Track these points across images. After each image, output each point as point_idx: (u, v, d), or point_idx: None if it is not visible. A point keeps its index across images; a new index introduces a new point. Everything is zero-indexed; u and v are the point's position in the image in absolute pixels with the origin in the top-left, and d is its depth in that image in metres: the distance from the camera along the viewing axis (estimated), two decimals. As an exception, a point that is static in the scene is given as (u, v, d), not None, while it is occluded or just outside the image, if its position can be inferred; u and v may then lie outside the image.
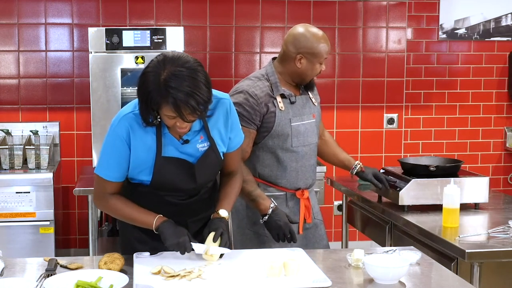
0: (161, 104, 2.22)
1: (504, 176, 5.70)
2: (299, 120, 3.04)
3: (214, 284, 2.18)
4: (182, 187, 2.46)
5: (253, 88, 2.97)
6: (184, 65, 2.22)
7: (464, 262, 2.74)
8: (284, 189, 3.05)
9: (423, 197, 3.31)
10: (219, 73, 5.18)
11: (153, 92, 2.21)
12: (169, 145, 2.40)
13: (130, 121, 2.36)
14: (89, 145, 4.79)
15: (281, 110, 2.99)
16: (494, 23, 5.52)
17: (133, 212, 2.45)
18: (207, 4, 5.20)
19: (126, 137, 2.36)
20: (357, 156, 5.41)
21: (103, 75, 4.47)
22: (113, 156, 2.40)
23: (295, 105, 3.05)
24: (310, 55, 3.00)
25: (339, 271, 2.36)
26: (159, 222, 2.39)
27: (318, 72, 3.06)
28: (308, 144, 3.09)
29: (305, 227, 3.12)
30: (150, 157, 2.39)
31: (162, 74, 2.20)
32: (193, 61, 2.26)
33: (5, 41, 5.03)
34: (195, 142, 2.43)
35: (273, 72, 3.04)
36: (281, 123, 2.99)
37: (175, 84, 2.18)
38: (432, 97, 5.54)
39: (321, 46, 3.02)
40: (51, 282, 2.15)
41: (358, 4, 5.38)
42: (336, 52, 5.36)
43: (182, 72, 2.20)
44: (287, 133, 3.00)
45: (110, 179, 2.43)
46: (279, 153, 3.01)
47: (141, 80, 2.26)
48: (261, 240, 3.02)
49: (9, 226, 4.44)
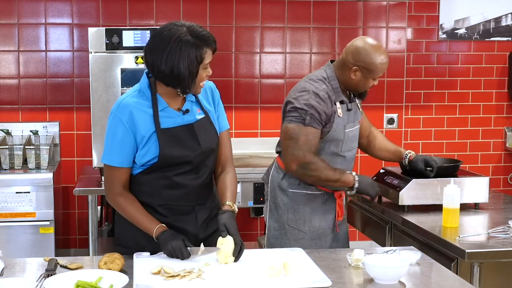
0: (203, 53, 2.38)
1: (504, 176, 5.70)
2: (351, 126, 3.14)
3: (214, 284, 2.18)
4: (189, 153, 2.50)
5: (321, 91, 3.03)
6: (183, 23, 2.43)
7: (464, 262, 2.74)
8: (323, 189, 3.14)
9: (423, 197, 3.32)
10: (219, 73, 5.18)
11: (192, 49, 2.37)
12: (171, 117, 2.49)
13: (129, 104, 2.45)
14: (89, 145, 4.78)
15: (339, 116, 3.06)
16: (494, 23, 5.52)
17: (138, 215, 2.49)
18: (207, 4, 5.20)
19: (127, 120, 2.44)
20: (357, 156, 5.40)
21: (103, 75, 4.47)
22: (116, 140, 2.46)
23: (350, 112, 3.12)
24: (366, 70, 3.04)
25: (339, 271, 2.36)
26: (159, 232, 2.44)
27: (370, 86, 3.11)
28: (352, 149, 3.20)
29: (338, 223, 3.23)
30: (154, 133, 2.46)
31: (187, 35, 2.38)
32: None
33: (5, 41, 5.03)
34: (193, 113, 2.54)
35: (333, 77, 3.09)
36: (337, 128, 3.07)
37: (199, 31, 2.39)
38: (432, 97, 5.54)
39: (379, 65, 3.04)
40: (51, 282, 2.15)
41: (358, 4, 5.38)
42: (336, 52, 5.36)
43: (191, 24, 2.42)
44: (340, 138, 3.09)
45: (115, 164, 2.48)
46: (327, 156, 3.09)
47: (173, 53, 2.37)
48: (299, 236, 3.14)
49: (9, 226, 4.44)
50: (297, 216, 3.14)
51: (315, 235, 3.15)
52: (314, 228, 3.15)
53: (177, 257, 2.38)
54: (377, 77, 3.08)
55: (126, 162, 2.49)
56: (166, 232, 2.44)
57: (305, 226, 3.13)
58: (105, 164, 2.51)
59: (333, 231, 3.19)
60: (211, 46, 2.42)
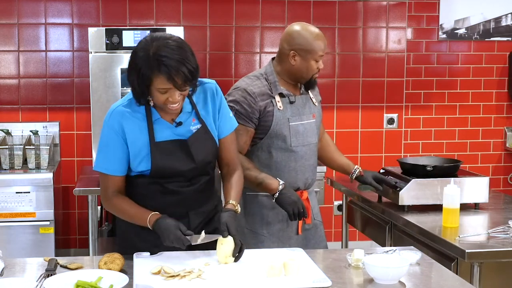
0: (153, 76, 2.29)
1: (504, 176, 5.70)
2: (298, 120, 3.03)
3: (214, 284, 2.18)
4: (182, 168, 2.48)
5: (251, 86, 2.97)
6: (170, 38, 2.33)
7: (464, 262, 2.74)
8: None
9: (423, 197, 3.31)
10: (219, 73, 5.18)
11: (144, 66, 2.29)
12: (163, 129, 2.45)
13: (121, 114, 2.43)
14: (89, 145, 4.78)
15: (279, 110, 2.98)
16: (494, 23, 5.52)
17: (131, 210, 2.47)
18: (207, 4, 5.20)
19: (119, 129, 2.42)
20: (357, 156, 5.41)
21: (103, 75, 4.47)
22: (109, 149, 2.45)
23: (294, 105, 3.04)
24: (304, 52, 2.98)
25: (339, 271, 2.36)
26: (153, 220, 2.40)
27: (315, 70, 3.02)
28: (307, 144, 3.07)
29: (304, 228, 3.12)
30: (146, 146, 2.43)
31: (151, 49, 2.29)
32: (177, 36, 2.37)
33: (5, 41, 5.03)
34: (188, 124, 2.49)
35: (271, 71, 3.04)
36: (279, 122, 2.98)
37: (165, 53, 2.27)
38: (432, 97, 5.54)
39: (314, 42, 2.98)
40: (51, 282, 2.15)
41: (358, 4, 5.38)
42: (336, 52, 5.36)
43: (169, 43, 2.30)
44: (285, 133, 2.99)
45: (109, 173, 2.47)
46: (278, 153, 3.00)
47: (131, 59, 2.35)
48: (259, 239, 3.03)
49: (9, 226, 4.44)
50: (255, 219, 3.05)
51: (276, 238, 3.04)
52: (274, 231, 3.05)
53: (176, 245, 2.35)
54: (318, 57, 2.99)
55: (119, 171, 2.47)
56: (161, 220, 2.39)
57: (263, 229, 3.03)
58: (99, 172, 2.49)
59: (298, 234, 3.09)
60: (164, 73, 2.26)
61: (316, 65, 3.01)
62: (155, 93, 2.33)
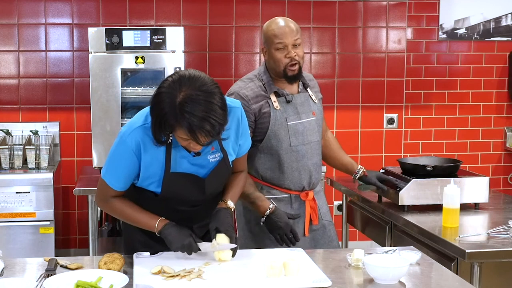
0: (175, 127, 2.18)
1: (504, 176, 5.70)
2: (297, 119, 3.00)
3: (214, 284, 2.18)
4: (191, 199, 2.47)
5: (244, 90, 2.95)
6: (200, 88, 2.17)
7: (464, 262, 2.74)
8: (287, 191, 3.02)
9: (423, 197, 3.31)
10: (219, 73, 5.18)
11: (168, 114, 2.16)
12: (180, 158, 2.38)
13: (141, 134, 2.32)
14: (89, 145, 4.78)
15: (276, 109, 2.96)
16: (494, 23, 5.52)
17: (135, 214, 2.46)
18: (207, 4, 5.20)
19: (136, 149, 2.33)
20: (357, 156, 5.41)
21: (103, 75, 4.47)
22: (122, 167, 2.38)
23: (292, 104, 3.00)
24: (266, 44, 2.97)
25: (339, 271, 2.36)
26: (161, 226, 2.40)
27: (284, 61, 2.92)
28: (308, 143, 3.04)
29: (311, 228, 3.09)
30: (160, 171, 2.38)
31: (178, 97, 2.14)
32: (210, 83, 2.20)
33: (5, 41, 5.03)
34: (206, 154, 2.41)
35: (265, 72, 3.00)
36: (276, 122, 2.96)
37: (190, 108, 2.13)
38: (432, 97, 5.54)
39: (269, 31, 2.94)
40: (51, 282, 2.15)
41: (358, 4, 5.38)
42: (336, 52, 5.36)
43: (199, 96, 2.14)
44: (284, 132, 2.97)
45: (115, 188, 2.43)
46: (280, 153, 2.98)
47: (156, 100, 2.20)
48: (265, 244, 3.00)
49: (9, 226, 4.45)
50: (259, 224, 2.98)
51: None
52: None
53: (186, 252, 2.36)
54: (278, 45, 2.91)
55: (123, 187, 2.44)
56: (169, 226, 2.39)
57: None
58: (104, 181, 2.43)
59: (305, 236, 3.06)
60: (186, 128, 2.15)
61: (284, 55, 2.92)
62: (177, 137, 2.24)
